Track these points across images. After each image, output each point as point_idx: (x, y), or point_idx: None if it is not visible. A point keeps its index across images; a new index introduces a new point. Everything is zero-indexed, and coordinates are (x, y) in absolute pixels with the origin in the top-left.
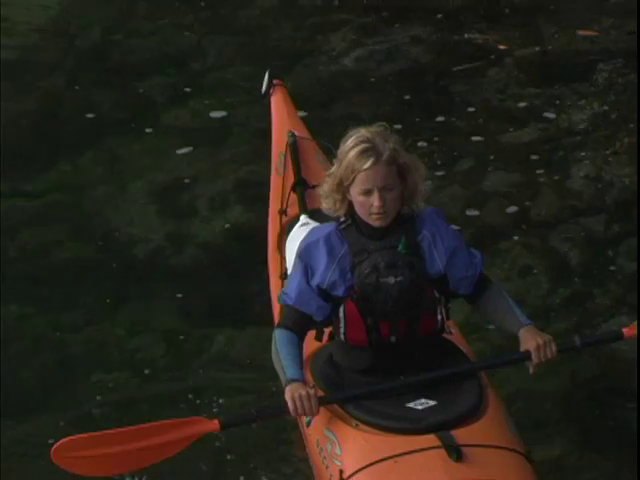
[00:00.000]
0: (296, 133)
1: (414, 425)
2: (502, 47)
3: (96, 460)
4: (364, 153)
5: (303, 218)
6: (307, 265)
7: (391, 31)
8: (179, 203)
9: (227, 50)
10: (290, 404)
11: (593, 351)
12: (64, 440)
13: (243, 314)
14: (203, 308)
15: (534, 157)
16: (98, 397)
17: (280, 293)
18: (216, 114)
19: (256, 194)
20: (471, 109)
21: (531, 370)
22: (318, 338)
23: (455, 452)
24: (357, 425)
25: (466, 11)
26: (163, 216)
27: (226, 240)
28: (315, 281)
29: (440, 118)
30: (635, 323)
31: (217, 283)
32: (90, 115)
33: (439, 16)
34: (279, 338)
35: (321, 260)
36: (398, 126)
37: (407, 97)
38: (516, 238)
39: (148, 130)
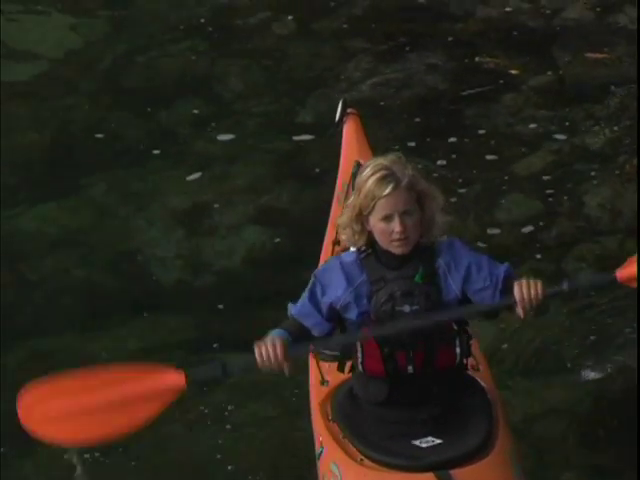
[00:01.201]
0: (362, 163)
1: (415, 463)
2: (514, 72)
3: (63, 423)
4: (383, 179)
5: (353, 250)
6: (320, 284)
7: (407, 58)
8: (196, 228)
9: (243, 76)
10: (257, 354)
11: (610, 370)
12: (28, 388)
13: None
14: (218, 333)
15: (547, 180)
16: None
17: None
18: (233, 140)
19: (273, 220)
20: (485, 134)
21: (521, 314)
22: (340, 369)
23: None
24: (362, 460)
25: (481, 37)
26: (180, 241)
27: (243, 267)
28: (327, 299)
29: (455, 143)
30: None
31: (232, 309)
32: (107, 140)
33: (454, 42)
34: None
35: (338, 283)
36: (413, 153)
37: (422, 124)
38: (530, 261)
39: (165, 155)
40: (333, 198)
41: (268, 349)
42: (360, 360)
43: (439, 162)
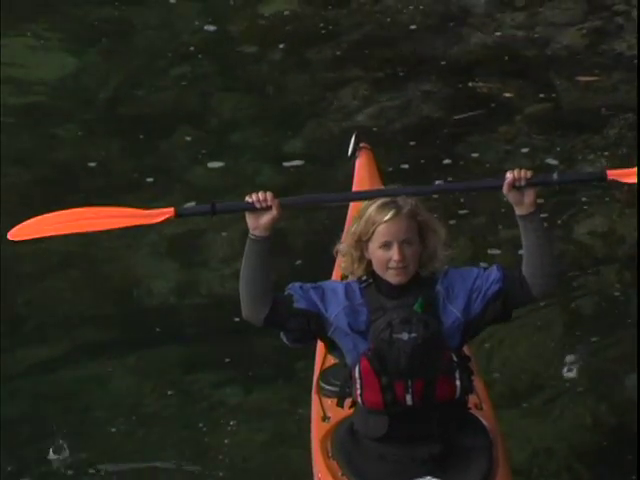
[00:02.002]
0: None
1: None
2: (507, 95)
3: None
4: (385, 206)
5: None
6: (322, 289)
7: (402, 86)
8: (190, 255)
9: (236, 106)
10: (247, 197)
11: (606, 398)
12: (19, 226)
13: (250, 366)
14: (210, 358)
15: (542, 204)
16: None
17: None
18: (226, 169)
19: None
20: (481, 159)
21: (505, 190)
22: (340, 404)
23: None
24: None
25: (475, 64)
26: (174, 267)
27: (236, 292)
28: (323, 307)
29: (450, 167)
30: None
31: (225, 334)
32: (101, 169)
33: (449, 69)
34: None
35: (338, 299)
36: (410, 177)
37: (418, 150)
38: None
39: (158, 184)
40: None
41: (258, 193)
42: (359, 392)
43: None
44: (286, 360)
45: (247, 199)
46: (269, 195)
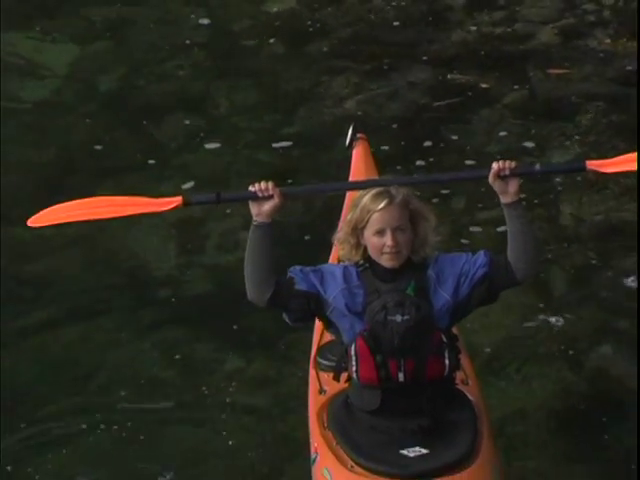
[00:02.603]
0: None
1: (401, 471)
2: (484, 85)
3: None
4: (378, 195)
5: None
6: (321, 272)
7: (389, 77)
8: (192, 237)
9: (235, 93)
10: (250, 186)
11: (579, 366)
12: (38, 214)
13: (250, 340)
14: (212, 331)
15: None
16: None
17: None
18: (225, 152)
19: None
20: (463, 143)
21: (490, 179)
22: (336, 379)
23: None
24: (352, 467)
25: (457, 58)
26: (175, 248)
27: (236, 268)
28: (321, 288)
29: (433, 149)
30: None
31: (227, 308)
32: (106, 153)
33: (432, 62)
34: None
35: (336, 282)
36: (396, 158)
37: (402, 135)
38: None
39: (160, 164)
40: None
41: (261, 183)
42: (355, 368)
43: (418, 163)
44: (285, 335)
45: (250, 188)
46: (271, 185)
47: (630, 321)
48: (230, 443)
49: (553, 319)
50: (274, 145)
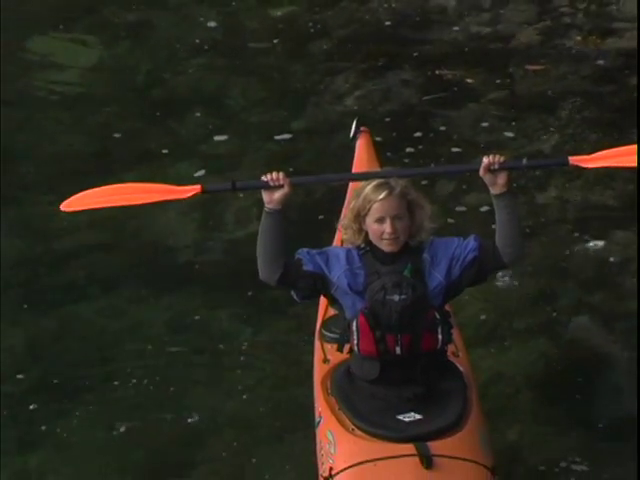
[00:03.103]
0: None
1: (397, 434)
2: (469, 80)
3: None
4: (379, 187)
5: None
6: (326, 255)
7: (386, 75)
8: (209, 213)
9: (246, 91)
10: (262, 176)
11: (557, 336)
12: (70, 199)
13: (260, 313)
14: (224, 305)
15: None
16: (128, 380)
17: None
18: (235, 142)
19: None
20: (447, 133)
21: (481, 172)
22: (340, 349)
23: (427, 461)
24: (353, 430)
25: (446, 56)
26: (194, 224)
27: (248, 246)
28: (327, 269)
29: (423, 139)
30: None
31: (241, 283)
32: (126, 138)
33: (424, 61)
34: None
35: (340, 263)
36: (390, 146)
37: (396, 128)
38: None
39: (172, 153)
40: (344, 206)
41: (272, 174)
42: (356, 342)
43: (408, 150)
44: (293, 306)
45: (262, 178)
46: (281, 175)
47: (605, 295)
48: (244, 397)
49: (532, 293)
50: (279, 137)
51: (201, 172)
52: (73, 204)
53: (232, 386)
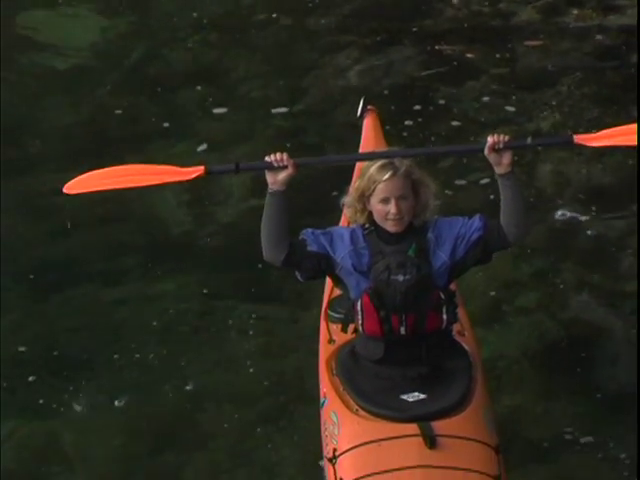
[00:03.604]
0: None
1: (401, 414)
2: (469, 55)
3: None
4: (384, 167)
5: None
6: (331, 235)
7: (388, 50)
8: (207, 191)
9: (247, 65)
10: (266, 157)
11: (557, 313)
12: (73, 181)
13: (263, 289)
14: (227, 282)
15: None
16: (130, 356)
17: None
18: (236, 118)
19: None
20: (449, 110)
21: (486, 151)
22: (344, 330)
23: (430, 441)
24: (357, 410)
25: (448, 32)
26: (192, 202)
27: (249, 224)
28: (331, 250)
29: (422, 117)
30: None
31: (236, 262)
32: (127, 114)
33: (426, 37)
34: None
35: (344, 243)
36: (392, 119)
37: (395, 102)
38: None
39: (173, 127)
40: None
41: (276, 154)
42: (360, 322)
43: (407, 123)
44: (296, 284)
45: (266, 159)
46: (285, 155)
47: (604, 271)
48: (248, 371)
49: (533, 271)
50: (280, 111)
51: (203, 146)
52: (76, 186)
53: (235, 360)
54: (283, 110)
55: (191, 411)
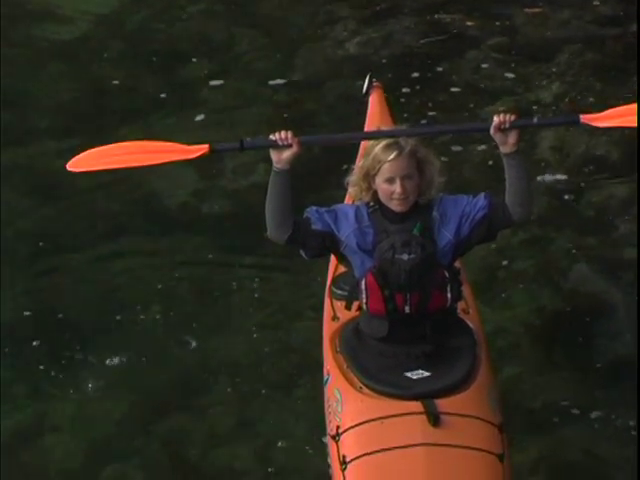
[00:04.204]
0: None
1: (405, 392)
2: (469, 23)
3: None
4: (389, 147)
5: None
6: (335, 213)
7: (386, 21)
8: (209, 165)
9: (247, 37)
10: (271, 135)
11: (556, 285)
12: (77, 158)
13: (269, 257)
14: (232, 249)
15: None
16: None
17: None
18: (235, 88)
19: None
20: (452, 85)
21: (492, 131)
22: (348, 307)
23: (434, 418)
24: (361, 388)
25: (446, 2)
26: (194, 176)
27: (249, 195)
28: (335, 228)
29: (420, 84)
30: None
31: (241, 232)
32: (124, 84)
33: (425, 8)
34: None
35: (349, 221)
36: (391, 86)
37: (396, 74)
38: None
39: (170, 97)
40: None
41: (281, 132)
42: (365, 300)
43: (405, 90)
44: (301, 265)
45: (271, 137)
46: (290, 134)
47: (603, 242)
48: (254, 338)
49: (531, 240)
50: (277, 83)
51: (200, 117)
52: (80, 164)
53: (239, 328)
54: (280, 82)
55: (193, 378)
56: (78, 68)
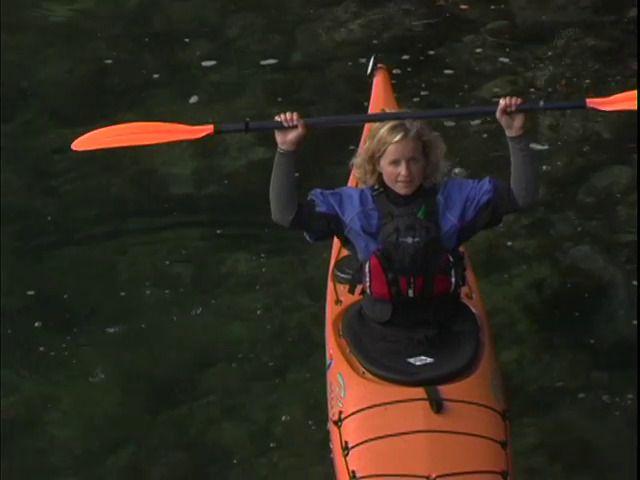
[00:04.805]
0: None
1: (408, 378)
2: (463, 7)
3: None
4: (394, 128)
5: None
6: (340, 196)
7: (385, 4)
8: (208, 145)
9: (245, 20)
10: (276, 117)
11: (557, 264)
12: (81, 138)
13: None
14: (233, 231)
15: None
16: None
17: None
18: (233, 71)
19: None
20: (448, 67)
21: (497, 114)
22: (351, 291)
23: (436, 405)
24: (363, 373)
25: None
26: (193, 155)
27: (249, 175)
28: (340, 211)
29: (424, 76)
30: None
31: (241, 212)
32: (117, 64)
33: None
34: None
35: (353, 204)
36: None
37: (399, 58)
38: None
39: (162, 78)
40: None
41: (286, 114)
42: (368, 284)
43: (395, 72)
44: (301, 248)
45: (276, 118)
46: (295, 115)
47: (604, 223)
48: (254, 322)
49: (531, 222)
50: (271, 63)
51: (194, 99)
52: (84, 144)
53: (239, 311)
54: (273, 62)
55: (192, 363)
56: (72, 48)
